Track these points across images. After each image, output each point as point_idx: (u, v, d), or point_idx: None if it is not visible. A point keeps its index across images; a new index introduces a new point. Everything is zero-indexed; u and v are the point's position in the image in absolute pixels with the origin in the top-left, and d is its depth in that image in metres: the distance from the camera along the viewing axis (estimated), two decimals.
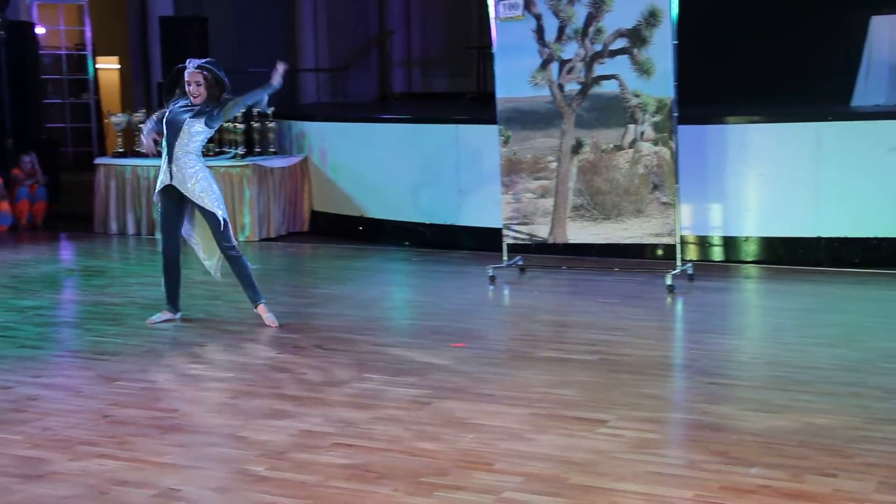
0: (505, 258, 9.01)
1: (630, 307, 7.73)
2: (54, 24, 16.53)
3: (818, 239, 9.09)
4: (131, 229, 11.75)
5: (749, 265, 9.25)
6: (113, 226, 11.85)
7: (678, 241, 8.51)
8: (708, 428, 4.98)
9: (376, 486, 4.33)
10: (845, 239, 9.02)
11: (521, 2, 8.61)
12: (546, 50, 8.62)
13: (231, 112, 7.35)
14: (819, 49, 11.80)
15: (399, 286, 9.24)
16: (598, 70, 8.48)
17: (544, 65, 8.63)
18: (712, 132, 9.31)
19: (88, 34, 16.44)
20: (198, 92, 7.09)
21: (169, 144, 7.17)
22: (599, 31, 8.41)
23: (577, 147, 8.63)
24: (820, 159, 9.05)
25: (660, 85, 8.29)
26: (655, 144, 8.40)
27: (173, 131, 7.13)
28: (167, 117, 7.17)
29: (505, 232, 8.97)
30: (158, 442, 4.92)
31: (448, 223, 10.52)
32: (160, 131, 7.26)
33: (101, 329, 7.25)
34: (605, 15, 8.38)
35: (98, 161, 12.30)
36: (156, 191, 7.42)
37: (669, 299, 8.04)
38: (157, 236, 7.48)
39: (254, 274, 7.34)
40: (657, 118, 8.36)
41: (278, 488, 4.32)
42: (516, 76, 8.72)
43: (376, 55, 18.20)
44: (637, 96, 8.37)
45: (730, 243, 9.41)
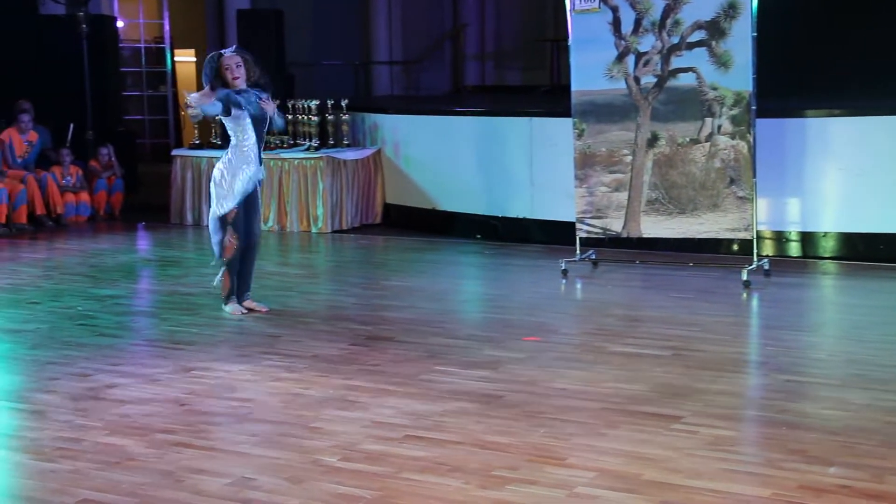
0: (578, 252, 8.95)
1: (705, 302, 7.63)
2: (134, 18, 16.80)
3: None
4: (206, 220, 11.87)
5: (827, 261, 9.08)
6: (189, 216, 12.00)
7: (755, 236, 8.38)
8: (785, 426, 4.89)
9: (448, 479, 4.33)
10: None
11: None
12: (622, 42, 8.54)
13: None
14: None
15: (471, 279, 9.23)
16: (675, 63, 8.38)
17: (620, 57, 8.55)
18: (791, 125, 9.15)
19: (167, 27, 16.69)
20: (239, 73, 7.12)
21: (259, 139, 7.22)
22: (677, 24, 8.32)
23: (653, 140, 8.55)
24: None
25: (738, 77, 8.17)
26: (733, 138, 8.28)
27: (263, 125, 7.20)
28: (253, 113, 7.15)
29: (578, 226, 8.91)
30: (233, 431, 4.98)
31: (520, 216, 10.49)
32: (215, 115, 7.22)
33: (177, 319, 7.35)
34: (683, 7, 8.27)
35: (175, 153, 12.46)
36: (246, 188, 7.25)
37: (745, 295, 7.92)
38: (218, 231, 7.36)
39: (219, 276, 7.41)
40: (735, 111, 8.24)
41: (351, 479, 4.34)
42: (592, 69, 8.65)
43: (450, 48, 18.22)
44: (714, 89, 8.26)
45: (807, 239, 9.25)
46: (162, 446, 4.75)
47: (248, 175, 7.23)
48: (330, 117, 11.78)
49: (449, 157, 11.15)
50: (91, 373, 5.97)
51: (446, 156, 11.18)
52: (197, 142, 12.27)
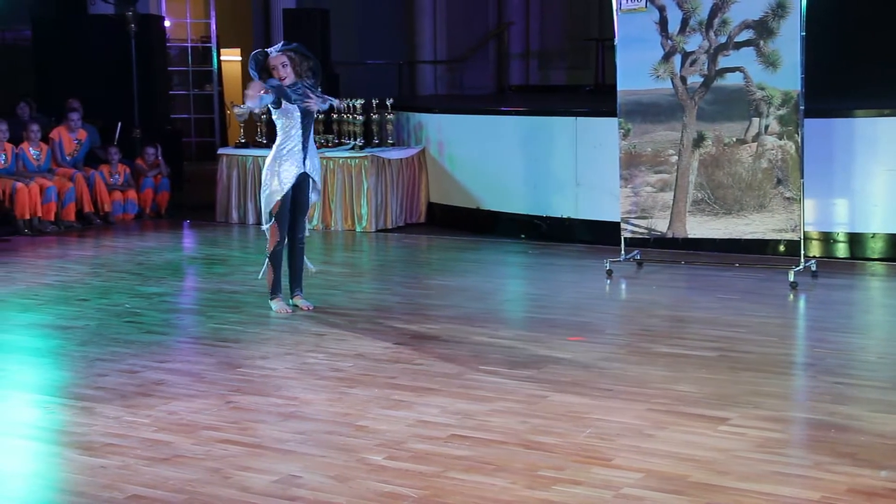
0: (622, 252, 8.92)
1: (751, 303, 7.57)
2: (181, 17, 16.95)
3: None
4: (251, 219, 11.97)
5: (875, 262, 8.98)
6: (234, 215, 12.09)
7: (802, 237, 8.30)
8: (834, 429, 4.84)
9: (494, 479, 4.33)
10: None
11: None
12: (669, 42, 8.49)
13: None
14: None
15: (515, 279, 9.22)
16: (723, 62, 8.32)
17: (667, 57, 8.51)
18: (839, 125, 9.06)
19: (213, 27, 16.83)
20: (286, 73, 7.18)
21: (305, 132, 7.27)
22: (725, 23, 8.26)
23: (699, 140, 8.49)
24: None
25: (786, 77, 8.10)
26: (780, 138, 8.21)
27: (310, 119, 7.27)
28: (301, 106, 7.22)
29: (623, 226, 8.88)
30: (279, 429, 5.00)
31: (565, 216, 10.46)
32: (266, 105, 7.26)
33: (223, 316, 7.40)
34: (731, 6, 8.22)
35: (221, 151, 12.55)
36: (289, 183, 7.30)
37: (792, 296, 7.85)
38: (268, 226, 7.41)
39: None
40: (782, 111, 8.16)
41: (397, 478, 4.35)
42: (638, 68, 8.62)
43: (494, 47, 18.21)
44: (762, 89, 8.19)
45: (855, 240, 9.15)
46: (209, 443, 4.79)
47: (294, 169, 7.28)
48: (375, 116, 11.81)
49: (493, 157, 11.14)
50: (139, 369, 6.04)
51: (491, 155, 11.18)
52: (242, 140, 12.36)
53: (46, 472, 4.59)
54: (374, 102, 11.79)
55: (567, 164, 10.41)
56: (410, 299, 7.93)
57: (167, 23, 15.74)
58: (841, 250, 9.20)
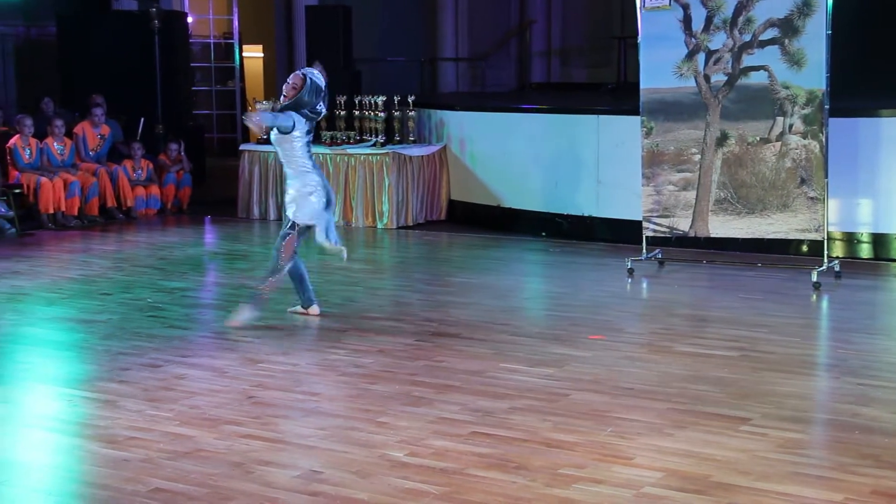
0: (644, 251, 8.89)
1: (773, 303, 7.54)
2: (204, 14, 17.01)
3: None
4: (273, 214, 12.00)
5: None
6: (255, 210, 12.12)
7: (825, 237, 8.26)
8: (857, 430, 4.82)
9: (514, 476, 4.33)
10: None
11: None
12: (693, 40, 8.47)
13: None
14: None
15: (536, 277, 9.21)
16: (747, 61, 8.28)
17: (690, 55, 8.48)
18: (864, 125, 9.00)
19: (236, 23, 16.88)
20: (287, 92, 7.04)
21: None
22: (749, 21, 8.22)
23: (722, 139, 8.46)
24: None
25: (811, 76, 8.06)
26: (804, 137, 8.17)
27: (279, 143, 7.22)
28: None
29: (645, 224, 8.85)
30: (300, 424, 5.02)
31: (586, 214, 10.44)
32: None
33: None
34: (756, 4, 8.18)
35: (243, 147, 12.59)
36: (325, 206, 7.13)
37: (815, 297, 7.81)
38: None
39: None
40: (807, 110, 8.12)
41: (418, 474, 4.36)
42: (661, 67, 8.59)
43: (516, 44, 18.19)
44: (786, 88, 8.16)
45: (879, 240, 9.09)
46: (231, 438, 4.81)
47: None
48: (396, 113, 11.81)
49: (515, 155, 11.13)
50: (161, 364, 6.06)
51: (512, 153, 11.17)
52: (264, 137, 12.33)
53: (70, 465, 4.62)
54: (396, 99, 11.80)
55: (589, 163, 10.39)
56: (431, 296, 7.93)
57: (190, 19, 15.79)
58: (865, 251, 9.14)
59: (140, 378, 5.78)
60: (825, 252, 8.30)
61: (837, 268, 8.33)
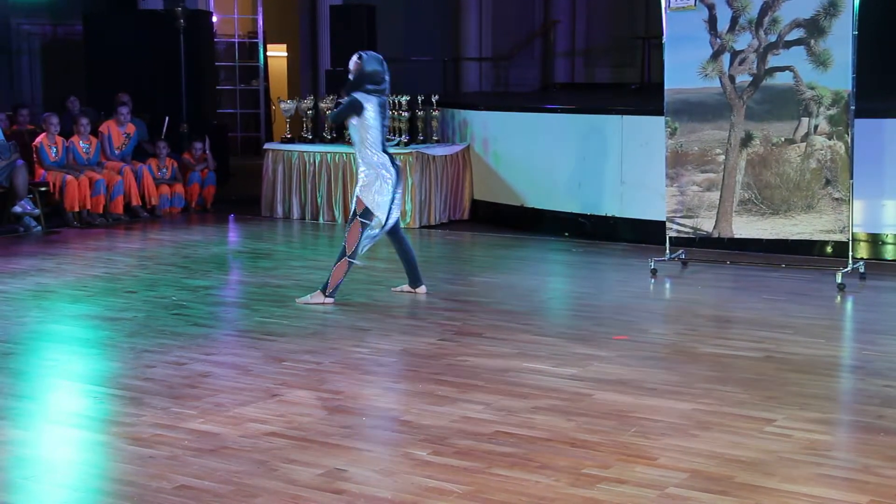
0: (667, 251, 8.87)
1: (797, 305, 7.51)
2: (229, 13, 17.07)
3: None
4: (296, 213, 12.04)
5: None
6: (279, 209, 12.16)
7: (850, 238, 8.22)
8: (883, 432, 4.80)
9: (538, 476, 4.33)
10: None
11: None
12: (718, 41, 8.44)
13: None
14: None
15: (559, 277, 9.20)
16: (772, 61, 8.25)
17: (715, 56, 8.46)
18: (890, 126, 8.95)
19: (260, 22, 16.94)
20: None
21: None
22: (775, 22, 8.19)
23: (747, 140, 8.43)
24: None
25: (837, 77, 8.02)
26: (829, 138, 8.13)
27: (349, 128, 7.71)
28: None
29: (668, 225, 8.83)
30: (324, 423, 5.03)
31: (609, 215, 10.43)
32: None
33: (268, 310, 7.45)
34: (782, 4, 8.15)
35: (267, 146, 12.64)
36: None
37: (839, 298, 7.78)
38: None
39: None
40: (832, 111, 8.09)
41: (441, 473, 4.36)
42: (685, 67, 8.57)
43: (540, 44, 18.17)
44: (812, 88, 8.12)
45: None
46: (255, 436, 4.83)
47: None
48: (420, 113, 11.83)
49: (538, 155, 11.13)
50: (186, 361, 6.10)
51: (535, 153, 11.16)
52: (288, 136, 12.43)
53: (96, 461, 4.65)
54: (420, 99, 11.81)
55: (612, 163, 10.37)
56: (454, 296, 7.94)
57: (215, 18, 15.86)
58: (890, 252, 9.09)
59: (165, 375, 5.81)
60: (850, 253, 8.26)
61: (862, 269, 8.29)
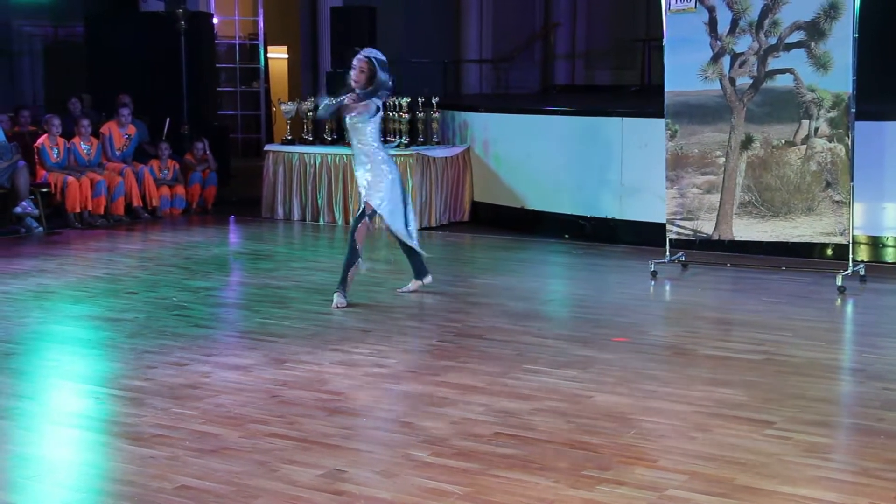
0: (667, 254, 8.88)
1: (797, 307, 7.52)
2: (230, 15, 17.08)
3: None
4: (297, 215, 12.05)
5: None
6: (280, 211, 12.17)
7: (851, 241, 8.23)
8: (883, 435, 4.80)
9: (538, 478, 4.34)
10: None
11: None
12: (718, 43, 8.45)
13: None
14: None
15: (559, 279, 9.21)
16: (772, 64, 8.27)
17: (716, 58, 8.47)
18: (891, 129, 8.96)
19: (261, 24, 16.94)
20: (357, 78, 7.39)
21: (351, 141, 7.72)
22: (775, 24, 8.21)
23: (747, 142, 8.44)
24: None
25: (837, 79, 8.03)
26: (830, 141, 8.14)
27: (349, 129, 7.75)
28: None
29: (668, 227, 8.84)
30: (325, 424, 5.04)
31: (609, 217, 10.44)
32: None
33: (269, 311, 7.46)
34: (782, 7, 8.16)
35: (267, 148, 12.65)
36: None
37: (840, 301, 7.78)
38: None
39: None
40: (833, 114, 8.10)
41: (441, 475, 4.37)
42: (686, 69, 8.58)
43: (540, 47, 18.19)
44: (812, 91, 8.13)
45: None
46: (255, 436, 4.84)
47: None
48: (420, 115, 11.84)
49: (538, 156, 11.14)
50: (186, 362, 6.10)
51: (536, 155, 11.17)
52: (289, 137, 12.44)
53: (96, 461, 4.66)
54: (420, 101, 11.82)
55: (612, 165, 10.38)
56: (454, 297, 7.95)
57: (216, 20, 15.88)
58: (890, 255, 9.10)
59: (165, 376, 5.82)
60: (850, 256, 8.27)
61: (863, 272, 8.30)
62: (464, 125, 12.11)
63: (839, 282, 7.94)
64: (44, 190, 11.47)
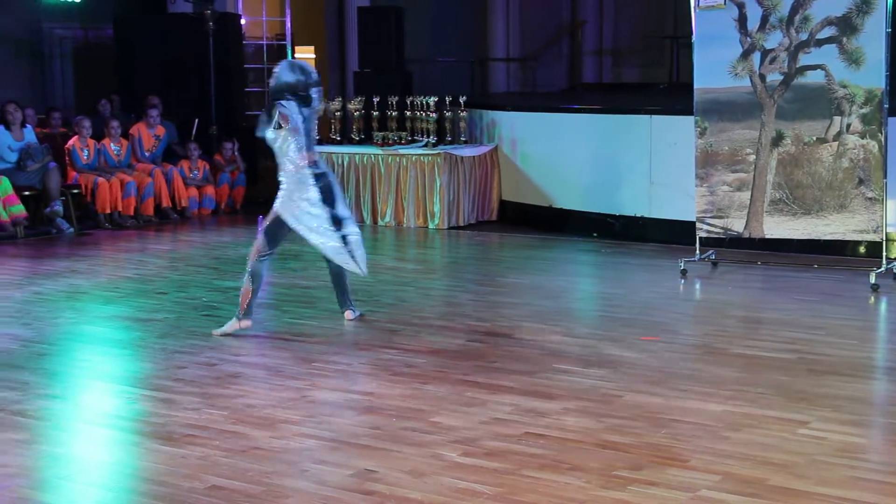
0: (697, 252, 8.83)
1: (830, 305, 7.45)
2: (257, 15, 17.13)
3: None
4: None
5: None
6: None
7: (884, 238, 8.15)
8: None
9: (569, 478, 4.31)
10: None
11: None
12: (748, 39, 8.39)
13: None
14: None
15: (588, 277, 9.17)
16: (803, 60, 8.20)
17: (746, 55, 8.41)
18: None
19: (288, 24, 16.96)
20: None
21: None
22: (806, 20, 8.14)
23: (778, 139, 8.38)
24: None
25: (870, 75, 7.95)
26: (863, 137, 8.07)
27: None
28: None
29: (698, 225, 8.79)
30: (354, 423, 5.03)
31: (638, 215, 10.38)
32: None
33: (297, 311, 7.47)
34: (813, 2, 8.09)
35: None
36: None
37: (873, 299, 7.71)
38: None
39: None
40: (865, 110, 8.02)
41: (471, 474, 4.35)
42: (715, 66, 8.52)
43: (567, 45, 18.13)
44: (844, 87, 8.06)
45: None
46: (286, 436, 4.84)
47: None
48: (448, 114, 11.83)
49: (566, 155, 11.10)
50: (216, 362, 6.12)
51: (564, 153, 11.13)
52: (317, 137, 12.41)
53: (128, 461, 4.68)
54: (447, 100, 11.81)
55: (641, 163, 10.33)
56: (483, 297, 7.93)
57: (243, 21, 15.91)
58: None
59: (196, 376, 5.83)
60: (884, 253, 8.18)
61: None
62: (491, 124, 12.09)
63: (872, 279, 7.87)
64: (74, 191, 11.54)
